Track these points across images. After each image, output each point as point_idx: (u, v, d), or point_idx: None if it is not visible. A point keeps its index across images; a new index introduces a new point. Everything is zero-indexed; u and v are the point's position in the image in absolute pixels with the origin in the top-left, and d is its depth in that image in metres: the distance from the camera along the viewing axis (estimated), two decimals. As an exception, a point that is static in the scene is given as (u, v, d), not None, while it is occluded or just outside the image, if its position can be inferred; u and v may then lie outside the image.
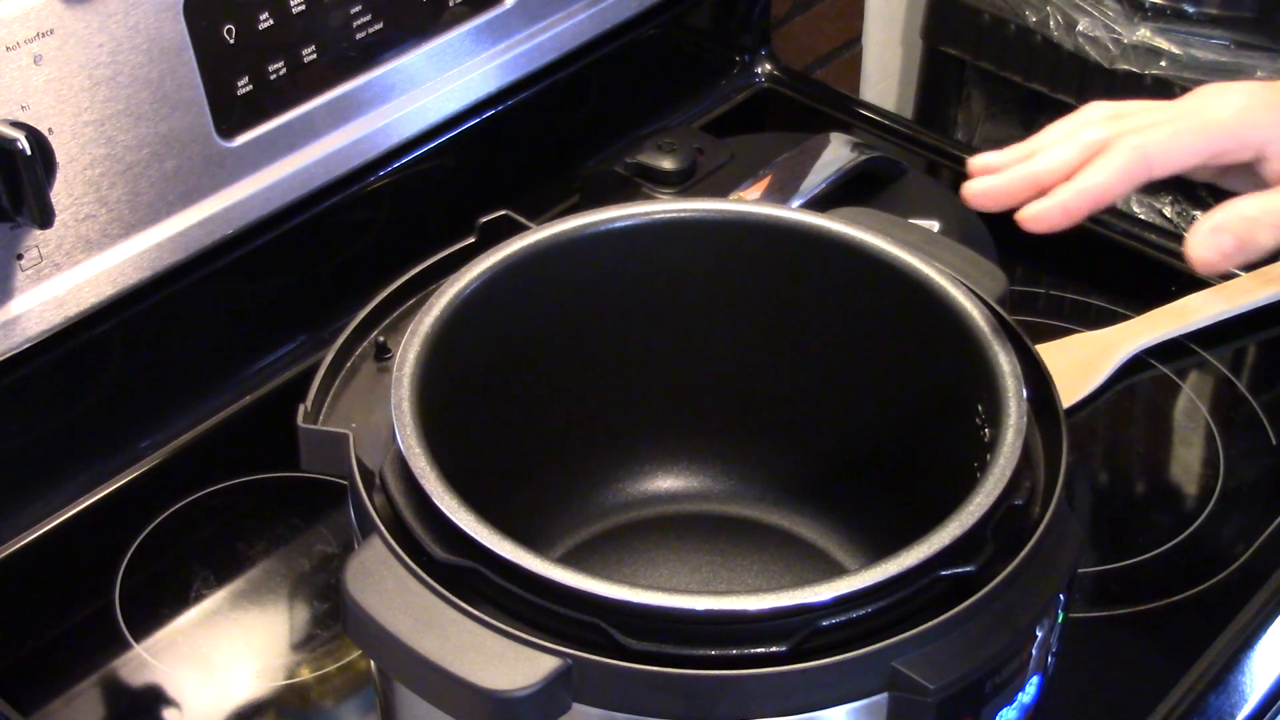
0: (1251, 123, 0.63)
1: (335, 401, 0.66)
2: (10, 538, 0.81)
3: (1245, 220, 0.61)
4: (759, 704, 0.54)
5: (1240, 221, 0.61)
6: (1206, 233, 0.62)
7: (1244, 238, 0.61)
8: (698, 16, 1.13)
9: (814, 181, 0.95)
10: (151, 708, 0.75)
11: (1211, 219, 0.62)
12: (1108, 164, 0.62)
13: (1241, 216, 0.62)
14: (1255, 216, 0.62)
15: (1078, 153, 0.64)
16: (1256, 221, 0.61)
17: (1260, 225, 0.61)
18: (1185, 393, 0.93)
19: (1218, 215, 0.62)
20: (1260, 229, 0.61)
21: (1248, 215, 0.62)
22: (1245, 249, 0.62)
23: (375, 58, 0.87)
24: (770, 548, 0.76)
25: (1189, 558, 0.82)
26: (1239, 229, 0.61)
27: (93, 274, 0.78)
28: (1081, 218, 0.62)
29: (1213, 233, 0.61)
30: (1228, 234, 0.61)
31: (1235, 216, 0.62)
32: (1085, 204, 0.62)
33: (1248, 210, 0.62)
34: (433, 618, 0.55)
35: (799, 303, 0.73)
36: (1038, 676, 0.60)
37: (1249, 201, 0.62)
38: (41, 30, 0.72)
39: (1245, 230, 0.61)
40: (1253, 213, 0.62)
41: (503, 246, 0.69)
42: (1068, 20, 1.28)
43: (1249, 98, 0.64)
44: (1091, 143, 0.64)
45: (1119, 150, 0.62)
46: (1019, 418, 0.61)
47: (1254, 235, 0.61)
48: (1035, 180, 0.64)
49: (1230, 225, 0.61)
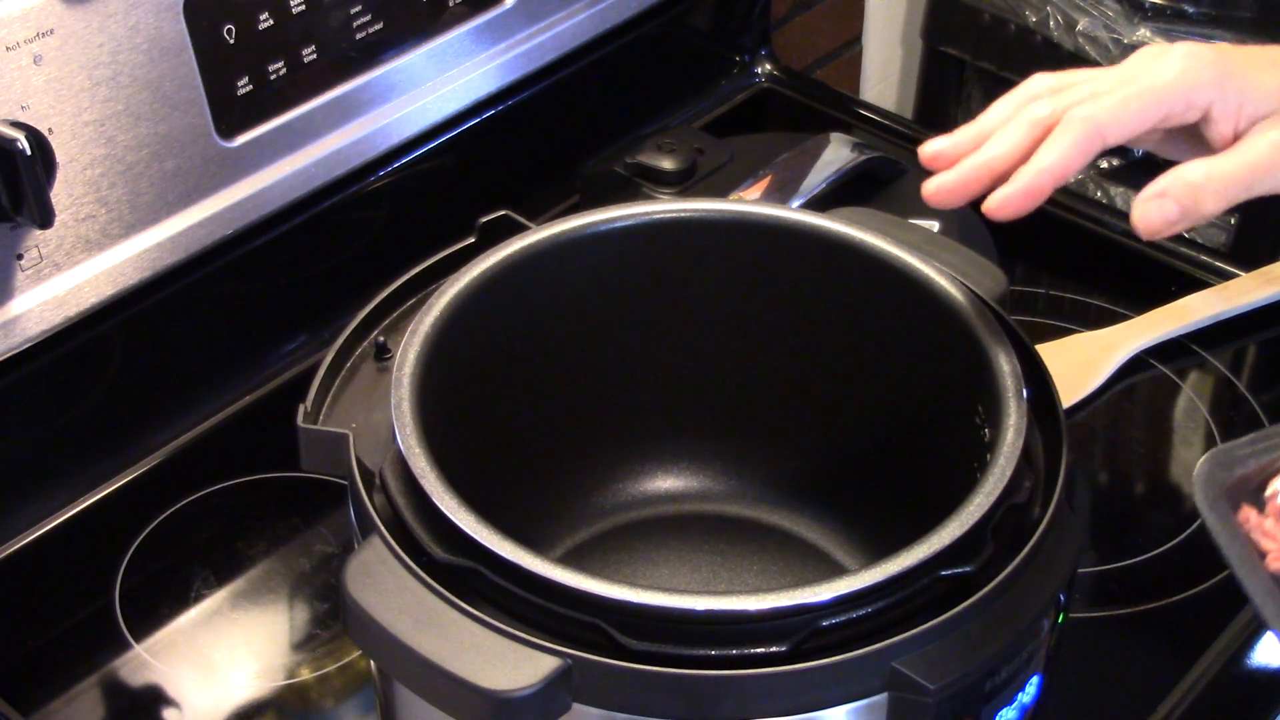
0: (1196, 83, 0.63)
1: (335, 401, 0.66)
2: (10, 538, 0.81)
3: (1190, 186, 0.61)
4: (759, 704, 0.54)
5: (1184, 187, 0.61)
6: (1150, 198, 0.61)
7: (1187, 203, 0.61)
8: (698, 16, 1.13)
9: (814, 181, 0.95)
10: (151, 708, 0.75)
11: (1155, 185, 0.61)
12: (1062, 140, 0.62)
13: (1186, 182, 0.61)
14: (1200, 183, 0.61)
15: (1026, 132, 0.63)
16: (1201, 188, 0.61)
17: (1204, 191, 0.61)
18: (1185, 393, 0.93)
19: (1162, 181, 0.61)
20: (1204, 195, 0.61)
21: (1192, 181, 0.61)
22: (1189, 215, 0.61)
23: (375, 58, 0.87)
24: (770, 548, 0.76)
25: (1189, 558, 0.82)
26: (1182, 194, 0.61)
27: (93, 274, 0.78)
28: (1044, 197, 0.62)
29: (1157, 199, 0.61)
30: (1171, 200, 0.61)
31: (1180, 182, 0.61)
32: (1046, 183, 0.61)
33: (1192, 176, 0.61)
34: (433, 618, 0.55)
35: (799, 303, 0.73)
36: (1038, 676, 0.60)
37: (1194, 166, 0.62)
38: (41, 30, 0.72)
39: (1189, 196, 0.61)
40: (1197, 179, 0.61)
41: (503, 246, 0.69)
42: (1068, 20, 1.28)
43: (1191, 59, 0.63)
44: (1038, 119, 0.63)
45: (1070, 124, 0.62)
46: (1019, 418, 0.61)
47: (1198, 201, 0.61)
48: (989, 168, 0.63)
49: (1174, 191, 0.61)
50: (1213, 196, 0.61)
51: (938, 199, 0.64)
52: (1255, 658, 0.76)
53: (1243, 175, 0.61)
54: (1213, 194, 0.61)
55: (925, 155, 0.65)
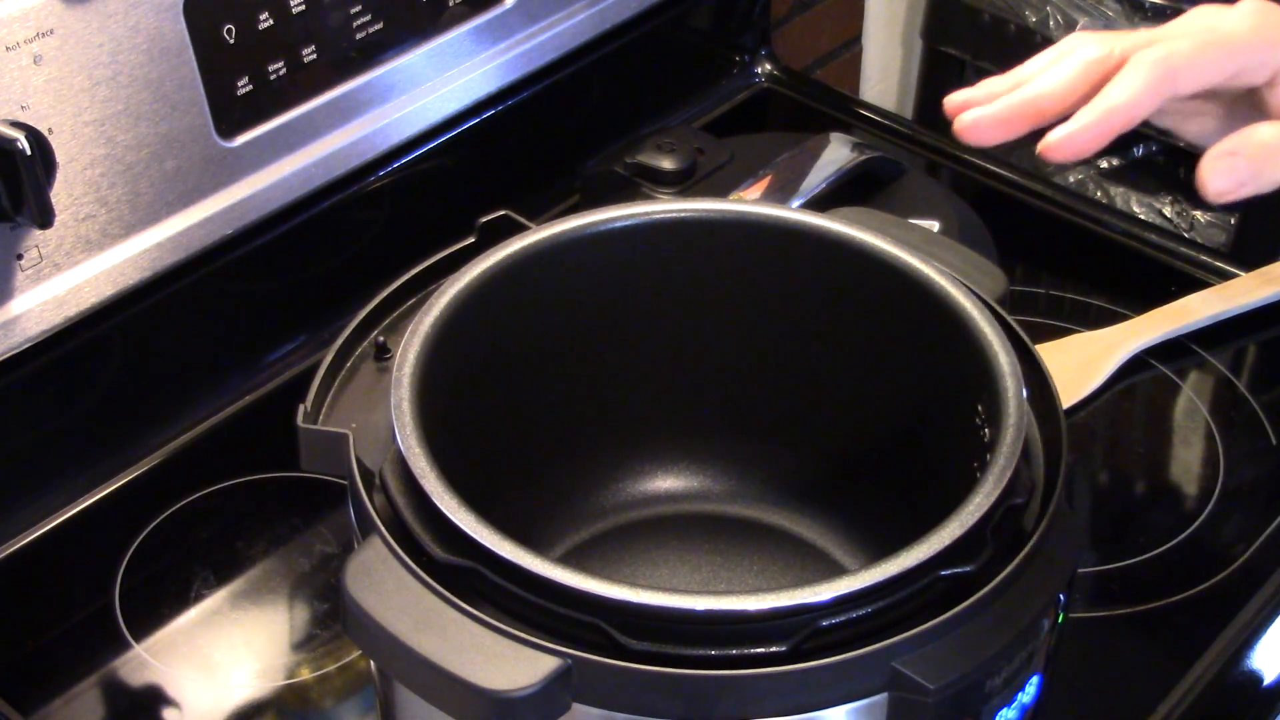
0: (1271, 39, 0.58)
1: (335, 401, 0.66)
2: (10, 538, 0.81)
3: (1262, 145, 0.57)
4: (759, 704, 0.54)
5: (1258, 147, 0.57)
6: (1220, 156, 0.57)
7: (1259, 163, 0.57)
8: (698, 16, 1.13)
9: (814, 181, 0.95)
10: (151, 708, 0.75)
11: (1225, 144, 0.57)
12: (1132, 79, 0.57)
13: (1260, 142, 0.57)
14: (1271, 143, 0.57)
15: (1081, 71, 0.58)
16: (1272, 148, 0.57)
17: (1276, 152, 0.57)
18: (1185, 393, 0.93)
19: (1232, 140, 0.57)
20: (1276, 156, 0.57)
21: (1265, 141, 0.57)
22: (1259, 177, 0.57)
23: (375, 58, 0.87)
24: (770, 548, 0.76)
25: (1189, 558, 0.82)
26: (1255, 154, 0.57)
27: (93, 274, 0.78)
28: (1110, 139, 0.57)
29: (1227, 157, 0.57)
30: (1243, 159, 0.57)
31: (1251, 142, 0.57)
32: (1116, 123, 0.57)
33: (1265, 135, 0.57)
34: (432, 618, 0.55)
35: (799, 303, 0.73)
36: (1038, 676, 0.60)
37: (1266, 128, 0.58)
38: (41, 30, 0.72)
39: (1261, 155, 0.57)
40: (1269, 138, 0.57)
41: (503, 246, 0.69)
42: (1068, 20, 1.28)
43: (1261, 15, 0.59)
44: (1094, 59, 0.58)
45: (1141, 64, 0.57)
46: (1019, 418, 0.61)
47: (1269, 162, 0.57)
48: (1035, 106, 0.58)
49: (1246, 149, 0.57)
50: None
51: (973, 134, 0.59)
52: (1255, 658, 0.76)
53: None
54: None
55: (954, 102, 0.61)
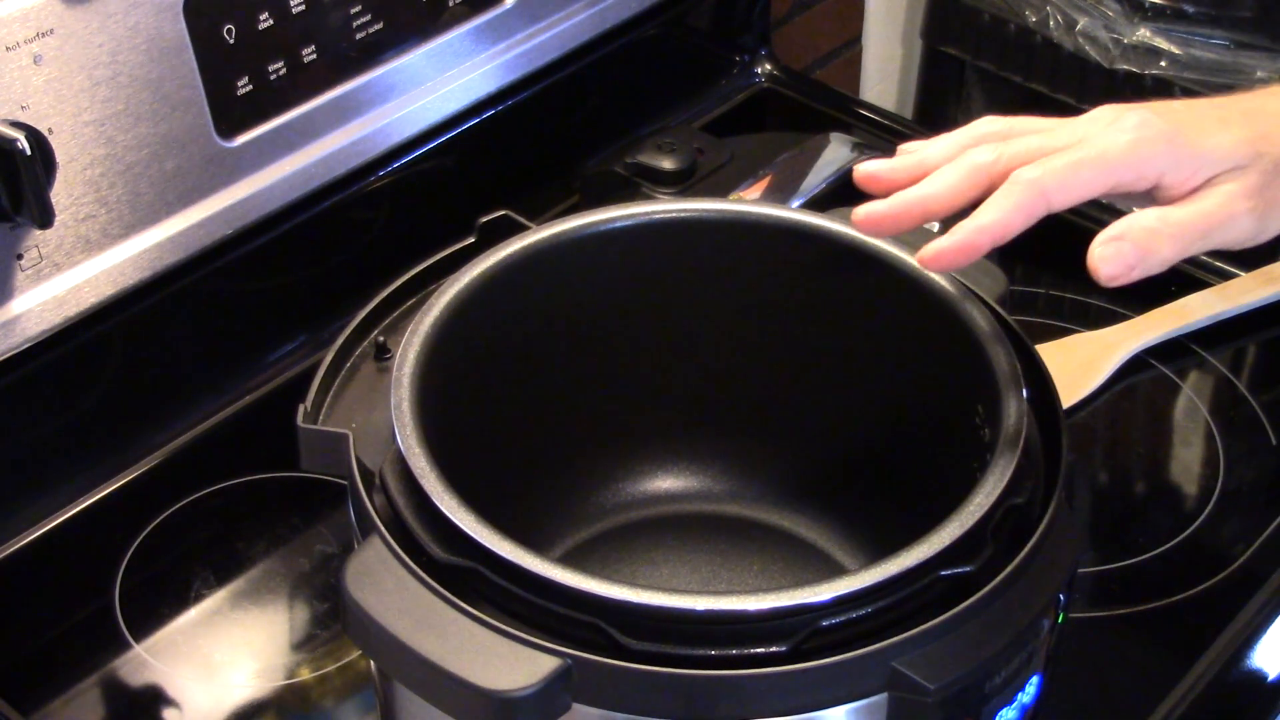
0: (1149, 155, 0.61)
1: (335, 401, 0.66)
2: (10, 538, 0.81)
3: (1146, 230, 0.60)
4: (759, 704, 0.54)
5: (1141, 231, 0.60)
6: (1106, 242, 0.60)
7: (1145, 247, 0.60)
8: (698, 16, 1.13)
9: (814, 181, 0.95)
10: (151, 708, 0.75)
11: (1111, 230, 0.60)
12: (1005, 200, 0.60)
13: (1143, 227, 0.60)
14: (1155, 227, 0.60)
15: (966, 176, 0.62)
16: (1157, 232, 0.60)
17: (1160, 236, 0.60)
18: (1185, 393, 0.93)
19: (1117, 226, 0.60)
20: (1161, 239, 0.60)
21: (1148, 226, 0.60)
22: (1147, 259, 0.60)
23: (375, 58, 0.87)
24: (770, 548, 0.76)
25: (1189, 558, 0.82)
26: (1139, 239, 0.60)
27: (93, 274, 0.78)
28: (979, 255, 0.60)
29: (1114, 242, 0.59)
30: (1128, 243, 0.59)
31: (1136, 227, 0.60)
32: (984, 242, 0.60)
33: (1148, 221, 0.60)
34: (432, 618, 0.55)
35: (799, 303, 0.73)
36: (1038, 676, 0.60)
37: (1148, 213, 0.61)
38: (41, 30, 0.72)
39: (1146, 240, 0.60)
40: (1152, 223, 0.60)
41: (503, 246, 0.69)
42: (1068, 20, 1.28)
43: (1143, 129, 0.62)
44: (980, 165, 0.62)
45: (1015, 185, 0.60)
46: (1019, 418, 0.61)
47: (1155, 246, 0.60)
48: (922, 206, 0.62)
49: (1131, 235, 0.60)
50: (1169, 241, 0.60)
51: (866, 227, 0.63)
52: (1255, 658, 0.76)
53: (1198, 223, 0.61)
54: (1169, 239, 0.60)
55: (860, 175, 0.64)
